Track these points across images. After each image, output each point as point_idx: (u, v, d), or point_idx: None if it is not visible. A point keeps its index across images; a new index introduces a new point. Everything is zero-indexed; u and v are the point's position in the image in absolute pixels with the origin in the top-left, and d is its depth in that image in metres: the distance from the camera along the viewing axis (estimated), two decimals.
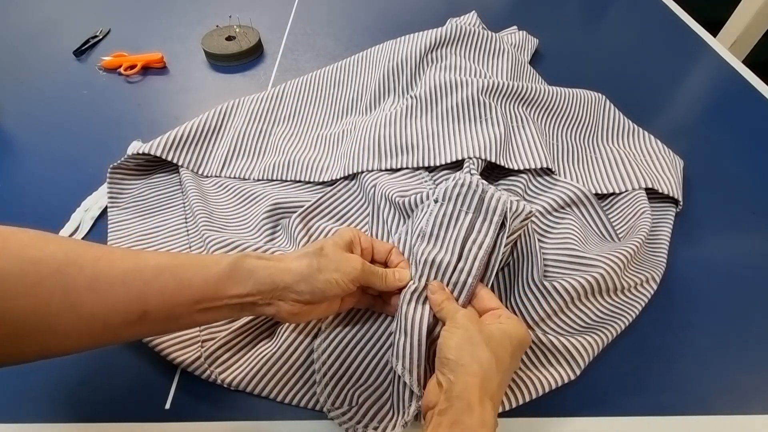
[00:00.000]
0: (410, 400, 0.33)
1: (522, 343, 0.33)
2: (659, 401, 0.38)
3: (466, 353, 0.30)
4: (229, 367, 0.38)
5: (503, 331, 0.32)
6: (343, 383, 0.37)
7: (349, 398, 0.36)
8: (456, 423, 0.27)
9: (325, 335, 0.39)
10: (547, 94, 0.57)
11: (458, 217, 0.37)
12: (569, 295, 0.39)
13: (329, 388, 0.36)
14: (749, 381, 0.39)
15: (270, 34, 0.78)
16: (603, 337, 0.39)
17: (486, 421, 0.28)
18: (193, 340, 0.39)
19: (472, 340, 0.31)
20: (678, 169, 0.53)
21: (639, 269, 0.44)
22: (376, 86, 0.62)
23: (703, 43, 0.77)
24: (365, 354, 0.38)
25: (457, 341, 0.31)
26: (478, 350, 0.30)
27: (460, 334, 0.31)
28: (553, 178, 0.50)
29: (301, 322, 0.39)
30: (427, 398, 0.31)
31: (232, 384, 0.37)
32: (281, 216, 0.49)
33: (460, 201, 0.37)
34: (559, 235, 0.45)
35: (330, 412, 0.35)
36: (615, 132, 0.58)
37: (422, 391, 0.33)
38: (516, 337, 0.32)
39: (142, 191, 0.52)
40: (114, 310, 0.28)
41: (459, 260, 0.36)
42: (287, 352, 0.39)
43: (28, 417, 0.36)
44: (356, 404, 0.35)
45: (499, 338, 0.32)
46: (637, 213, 0.47)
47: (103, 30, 0.78)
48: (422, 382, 0.33)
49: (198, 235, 0.46)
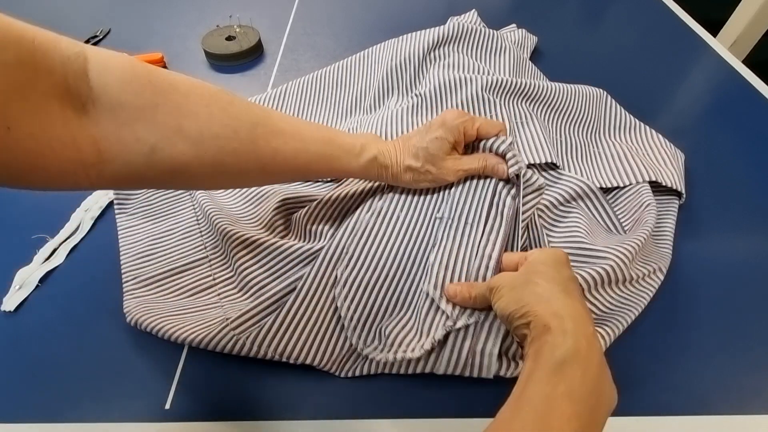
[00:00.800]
0: (440, 322, 0.36)
1: (557, 257, 0.33)
2: (659, 401, 0.38)
3: (520, 296, 0.31)
4: (255, 330, 0.38)
5: (536, 261, 0.33)
6: (370, 322, 0.39)
7: (378, 334, 0.38)
8: (539, 347, 0.28)
9: (343, 283, 0.40)
10: (550, 91, 0.57)
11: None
12: (579, 287, 0.39)
13: (358, 329, 0.39)
14: (749, 381, 0.39)
15: (270, 34, 0.78)
16: (614, 328, 0.39)
17: (565, 328, 0.28)
18: (216, 319, 0.39)
19: (517, 284, 0.32)
20: (680, 162, 0.53)
21: (646, 260, 0.44)
22: (379, 85, 0.62)
23: (703, 43, 0.77)
24: (385, 292, 0.40)
25: (507, 296, 0.32)
26: (528, 287, 0.31)
27: (507, 289, 0.32)
28: (558, 173, 0.50)
29: (430, 184, 0.44)
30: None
31: (261, 349, 0.37)
32: (291, 210, 0.49)
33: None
34: (566, 228, 0.46)
35: (363, 349, 0.38)
36: (617, 126, 0.59)
37: (456, 314, 0.36)
38: (549, 257, 0.33)
39: (148, 195, 0.52)
40: (289, 174, 0.40)
41: (493, 197, 0.40)
42: (311, 304, 0.39)
43: (28, 417, 0.36)
44: (385, 336, 0.38)
45: (537, 267, 0.32)
46: (641, 205, 0.47)
47: (103, 30, 0.78)
48: (456, 307, 0.36)
49: (213, 233, 0.46)
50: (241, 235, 0.44)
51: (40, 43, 0.26)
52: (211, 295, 0.43)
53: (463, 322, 0.35)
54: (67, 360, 0.40)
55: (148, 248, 0.46)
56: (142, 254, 0.46)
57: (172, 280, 0.44)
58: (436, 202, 0.43)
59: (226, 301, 0.42)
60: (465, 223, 0.39)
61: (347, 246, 0.41)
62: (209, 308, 0.42)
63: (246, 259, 0.43)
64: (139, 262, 0.45)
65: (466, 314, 0.36)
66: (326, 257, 0.40)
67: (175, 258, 0.46)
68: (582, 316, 0.29)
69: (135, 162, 0.30)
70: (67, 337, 0.41)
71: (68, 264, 0.46)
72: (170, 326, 0.38)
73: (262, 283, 0.42)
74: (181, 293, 0.43)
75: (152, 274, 0.44)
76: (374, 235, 0.42)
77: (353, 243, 0.41)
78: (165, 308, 0.41)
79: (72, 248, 0.47)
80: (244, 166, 0.35)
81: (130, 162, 0.30)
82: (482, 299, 0.35)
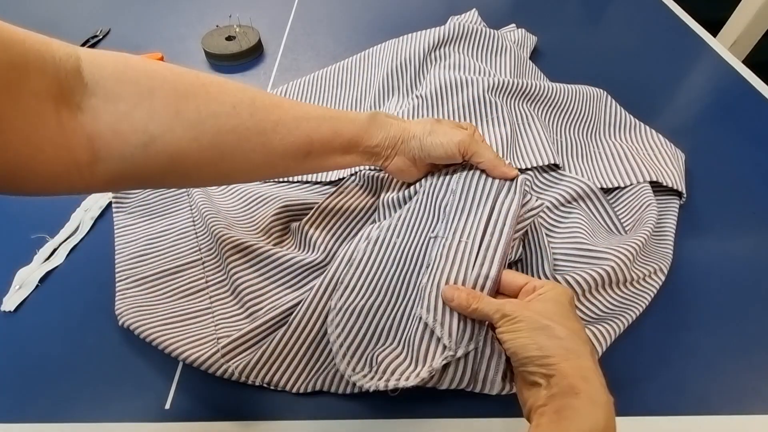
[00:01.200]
0: (437, 350, 0.33)
1: (570, 298, 0.31)
2: (659, 401, 0.38)
3: (544, 342, 0.28)
4: (245, 359, 0.38)
5: (552, 300, 0.31)
6: (362, 349, 0.36)
7: (369, 361, 0.36)
8: (562, 408, 0.26)
9: (336, 310, 0.38)
10: (550, 91, 0.57)
11: (486, 179, 0.39)
12: (581, 287, 0.39)
13: (348, 357, 0.36)
14: (749, 381, 0.39)
15: (270, 34, 0.78)
16: (615, 327, 0.39)
17: (595, 398, 0.25)
18: (208, 338, 0.39)
19: (539, 326, 0.29)
20: (680, 162, 0.53)
21: (647, 260, 0.44)
22: (379, 86, 0.61)
23: (703, 43, 0.77)
24: (378, 318, 0.38)
25: (526, 336, 0.29)
26: (552, 333, 0.28)
27: (525, 327, 0.29)
28: (559, 173, 0.50)
29: (405, 179, 0.44)
30: (526, 402, 0.29)
31: (249, 378, 0.37)
32: (290, 218, 0.48)
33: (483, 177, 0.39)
34: (567, 229, 0.46)
35: (351, 376, 0.35)
36: (617, 127, 0.59)
37: (453, 342, 0.32)
38: (563, 297, 0.31)
39: (146, 195, 0.52)
40: (291, 147, 0.36)
41: (491, 213, 0.36)
42: (302, 335, 0.38)
43: (28, 417, 0.36)
44: (376, 363, 0.35)
45: (554, 308, 0.30)
46: (642, 205, 0.47)
47: (103, 30, 0.78)
48: (452, 334, 0.33)
49: (208, 236, 0.46)
50: (235, 239, 0.44)
51: (31, 44, 0.26)
52: (202, 299, 0.43)
53: (463, 351, 0.32)
54: (67, 360, 0.40)
55: (142, 248, 0.46)
56: (137, 254, 0.46)
57: (164, 280, 0.44)
58: (433, 223, 0.40)
59: (217, 305, 0.42)
60: (459, 240, 0.36)
61: (342, 277, 0.39)
62: (200, 316, 0.41)
63: (238, 264, 0.43)
64: (132, 262, 0.45)
65: (464, 341, 0.33)
66: (320, 290, 0.39)
67: (170, 259, 0.46)
68: (604, 384, 0.27)
69: (132, 156, 0.30)
70: (67, 337, 0.41)
71: (68, 264, 0.46)
72: (162, 338, 0.38)
73: (253, 288, 0.42)
74: (173, 295, 0.43)
75: (145, 274, 0.44)
76: (369, 264, 0.40)
77: (348, 273, 0.39)
78: (156, 313, 0.41)
79: (72, 248, 0.48)
80: (246, 145, 0.34)
81: (127, 157, 0.29)
82: (483, 317, 0.32)
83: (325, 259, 0.44)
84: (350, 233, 0.47)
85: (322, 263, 0.43)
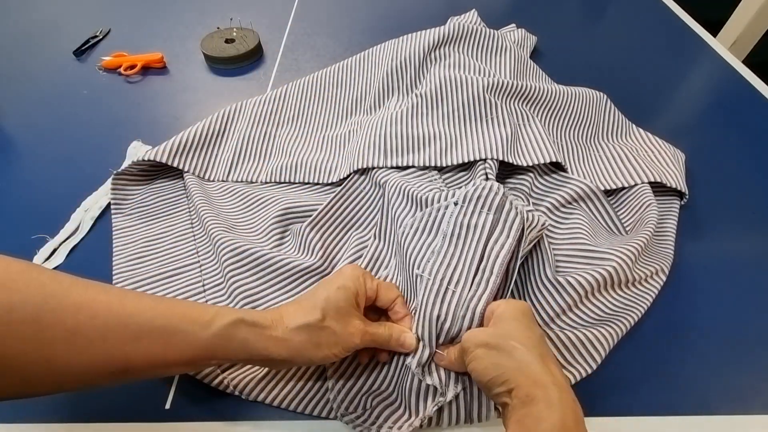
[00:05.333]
0: (428, 396, 0.34)
1: (526, 310, 0.33)
2: (659, 401, 0.38)
3: (499, 361, 0.29)
4: (242, 374, 0.38)
5: (508, 318, 0.32)
6: (356, 390, 0.37)
7: (363, 403, 0.36)
8: (522, 417, 0.27)
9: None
10: (550, 93, 0.57)
11: (479, 216, 0.37)
12: (583, 288, 0.39)
13: (342, 395, 0.36)
14: (749, 381, 0.39)
15: (270, 34, 0.78)
16: (617, 329, 0.39)
17: (550, 400, 0.27)
18: None
19: (493, 347, 0.30)
20: (680, 162, 0.53)
21: (648, 261, 0.44)
22: (379, 85, 0.62)
23: (703, 43, 0.77)
24: (376, 362, 0.38)
25: (484, 360, 0.30)
26: (505, 350, 0.30)
27: (483, 353, 0.30)
28: (560, 175, 0.50)
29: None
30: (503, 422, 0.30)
31: (243, 392, 0.37)
32: (291, 221, 0.48)
33: (480, 203, 0.37)
34: (568, 230, 0.46)
35: (344, 416, 0.35)
36: (615, 131, 0.59)
37: (442, 385, 0.34)
38: (517, 311, 0.32)
39: (145, 197, 0.52)
40: (92, 366, 0.27)
41: (480, 262, 0.35)
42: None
43: (28, 417, 0.36)
44: (370, 407, 0.36)
45: (511, 325, 0.31)
46: (642, 206, 0.47)
47: (103, 30, 0.78)
48: (443, 381, 0.34)
49: (205, 239, 0.46)
50: (233, 242, 0.44)
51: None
52: (200, 302, 0.43)
53: (452, 393, 0.34)
54: None
55: (140, 251, 0.46)
56: (134, 256, 0.46)
57: (161, 284, 0.44)
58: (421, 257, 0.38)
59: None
60: (447, 289, 0.35)
61: None
62: None
63: (235, 267, 0.43)
64: (129, 265, 0.45)
65: (452, 383, 0.34)
66: None
67: (167, 262, 0.45)
68: (563, 384, 0.28)
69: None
70: None
71: (68, 264, 0.46)
72: None
73: (249, 291, 0.42)
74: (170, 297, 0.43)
75: (142, 277, 0.44)
76: None
77: None
78: None
79: (72, 248, 0.48)
80: (22, 361, 0.25)
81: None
82: (459, 362, 0.33)
83: (323, 265, 0.44)
84: (349, 240, 0.47)
85: (320, 269, 0.44)
